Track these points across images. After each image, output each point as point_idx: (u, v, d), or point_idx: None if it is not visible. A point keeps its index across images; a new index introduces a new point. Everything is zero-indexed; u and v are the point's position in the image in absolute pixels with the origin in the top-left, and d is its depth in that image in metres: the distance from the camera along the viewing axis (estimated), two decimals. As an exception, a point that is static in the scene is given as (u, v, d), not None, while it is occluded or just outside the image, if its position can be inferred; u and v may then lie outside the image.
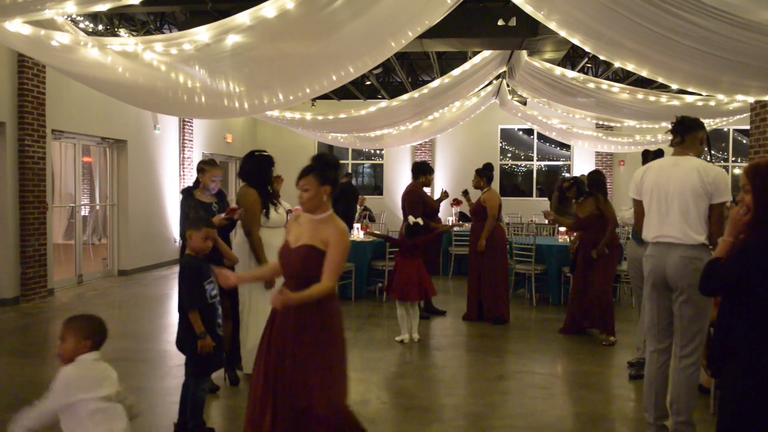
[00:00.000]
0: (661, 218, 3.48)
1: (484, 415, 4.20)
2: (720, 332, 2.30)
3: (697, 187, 3.39)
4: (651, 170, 3.63)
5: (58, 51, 5.13)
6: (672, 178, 3.49)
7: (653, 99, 8.60)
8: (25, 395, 4.44)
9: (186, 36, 5.14)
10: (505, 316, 6.75)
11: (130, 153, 10.26)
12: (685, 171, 3.46)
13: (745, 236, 2.23)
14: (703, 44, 4.48)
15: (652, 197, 3.55)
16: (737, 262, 2.19)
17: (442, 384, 4.93)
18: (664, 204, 3.47)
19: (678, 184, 3.45)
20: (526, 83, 9.56)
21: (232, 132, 14.33)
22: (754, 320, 2.14)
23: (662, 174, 3.55)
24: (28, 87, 7.82)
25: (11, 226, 7.74)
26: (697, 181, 3.40)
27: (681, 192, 3.42)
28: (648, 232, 3.58)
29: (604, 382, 4.95)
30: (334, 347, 2.84)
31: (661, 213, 3.48)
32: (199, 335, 3.38)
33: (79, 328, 2.53)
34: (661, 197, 3.50)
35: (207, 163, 4.82)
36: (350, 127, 11.67)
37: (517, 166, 16.89)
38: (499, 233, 6.83)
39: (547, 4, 5.09)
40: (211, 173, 4.76)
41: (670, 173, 3.51)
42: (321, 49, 5.70)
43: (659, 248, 3.48)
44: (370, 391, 4.72)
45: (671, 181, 3.48)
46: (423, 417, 4.17)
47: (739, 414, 2.16)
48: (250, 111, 7.02)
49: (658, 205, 3.51)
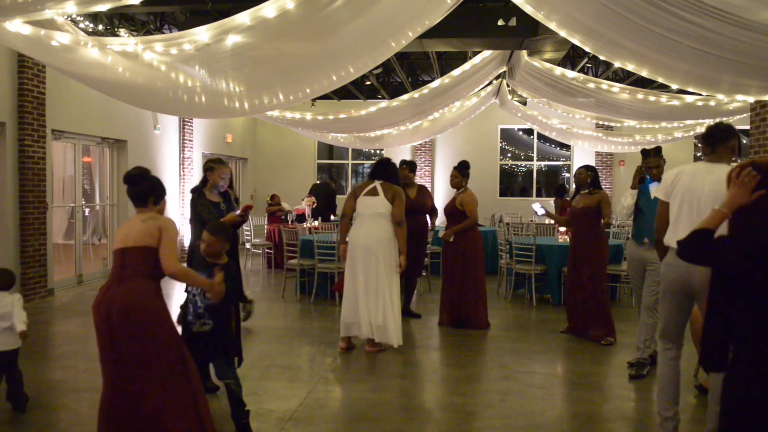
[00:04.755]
0: (692, 224, 3.38)
1: (483, 414, 4.20)
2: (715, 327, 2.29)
3: None
4: (684, 174, 3.52)
5: (58, 51, 5.14)
6: (707, 184, 3.41)
7: (653, 99, 8.61)
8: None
9: (186, 36, 5.14)
10: (487, 322, 6.57)
11: (130, 153, 10.25)
12: (719, 178, 3.37)
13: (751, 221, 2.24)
14: (703, 44, 4.48)
15: (683, 202, 3.47)
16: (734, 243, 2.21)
17: (442, 384, 4.94)
18: (696, 210, 3.39)
19: (712, 191, 3.37)
20: (526, 83, 9.57)
21: (232, 132, 14.33)
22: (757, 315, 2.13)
23: (696, 179, 3.47)
24: (28, 87, 7.82)
25: (11, 226, 7.74)
26: None
27: (715, 199, 3.31)
28: (674, 236, 3.43)
29: (604, 382, 4.95)
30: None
31: (692, 219, 3.37)
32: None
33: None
34: (693, 203, 3.43)
35: (216, 162, 4.87)
36: (350, 127, 11.68)
37: (517, 166, 16.90)
38: (479, 236, 6.57)
39: (547, 5, 5.09)
40: (220, 171, 4.82)
41: (705, 179, 3.44)
42: (321, 49, 5.70)
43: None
44: (369, 390, 4.72)
45: (706, 187, 3.41)
46: (422, 417, 4.17)
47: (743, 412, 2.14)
48: (250, 111, 7.03)
49: (690, 211, 3.42)
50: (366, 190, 5.56)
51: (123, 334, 3.00)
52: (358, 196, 5.57)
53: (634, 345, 5.27)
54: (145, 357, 3.01)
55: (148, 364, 3.01)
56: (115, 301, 3.02)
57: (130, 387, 3.01)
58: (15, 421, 4.02)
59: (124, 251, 3.13)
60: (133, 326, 3.00)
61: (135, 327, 3.00)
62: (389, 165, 5.75)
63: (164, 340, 3.07)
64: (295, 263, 8.14)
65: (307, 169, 16.03)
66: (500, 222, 12.14)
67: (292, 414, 4.07)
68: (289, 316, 7.29)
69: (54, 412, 4.26)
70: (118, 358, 3.01)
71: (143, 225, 3.14)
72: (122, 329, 3.00)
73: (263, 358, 5.34)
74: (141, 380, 3.01)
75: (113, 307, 3.01)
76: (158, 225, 3.13)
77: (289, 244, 8.48)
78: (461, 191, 6.49)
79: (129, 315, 3.00)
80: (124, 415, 3.01)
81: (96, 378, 4.89)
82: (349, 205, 5.61)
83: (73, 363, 5.31)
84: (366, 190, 5.56)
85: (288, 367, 5.20)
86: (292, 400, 4.32)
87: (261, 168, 15.92)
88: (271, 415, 4.04)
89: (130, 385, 3.01)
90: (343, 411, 4.28)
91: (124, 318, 2.99)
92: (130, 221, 3.28)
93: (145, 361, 3.01)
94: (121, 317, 2.99)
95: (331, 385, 4.80)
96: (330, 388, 4.73)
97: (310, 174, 15.89)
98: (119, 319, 2.99)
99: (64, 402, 4.46)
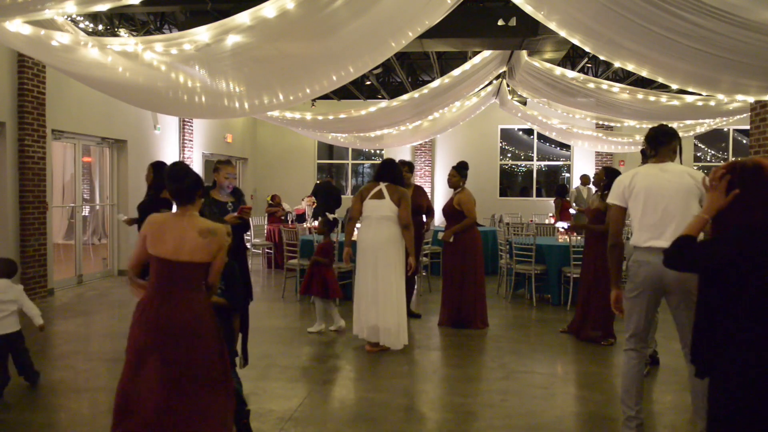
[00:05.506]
0: (655, 223, 3.43)
1: (483, 414, 4.20)
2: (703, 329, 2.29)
3: (692, 188, 3.37)
4: (639, 175, 3.54)
5: (59, 51, 5.14)
6: (664, 182, 3.44)
7: (653, 99, 8.60)
8: (25, 395, 4.45)
9: (186, 36, 5.14)
10: (486, 322, 6.59)
11: (130, 153, 10.26)
12: (675, 175, 3.44)
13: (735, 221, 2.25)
14: (703, 44, 4.48)
15: (646, 202, 3.47)
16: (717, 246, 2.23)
17: (442, 384, 4.94)
18: (661, 208, 3.41)
19: (673, 187, 3.41)
20: (526, 83, 9.57)
21: (232, 132, 14.33)
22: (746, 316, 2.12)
23: (653, 179, 3.48)
24: (28, 87, 7.82)
25: (11, 226, 7.74)
26: (691, 183, 3.38)
27: (676, 195, 3.39)
28: (640, 237, 3.49)
29: (604, 382, 4.94)
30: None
31: (655, 218, 3.42)
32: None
33: None
34: (657, 201, 3.44)
35: (221, 162, 4.94)
36: (350, 127, 11.68)
37: (517, 166, 16.90)
38: (478, 236, 6.58)
39: (547, 5, 5.09)
40: (225, 171, 4.89)
41: (661, 177, 3.46)
42: (321, 49, 5.71)
43: (656, 254, 3.28)
44: (369, 390, 4.72)
45: (664, 185, 3.43)
46: (423, 417, 4.17)
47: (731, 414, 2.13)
48: (251, 111, 7.03)
49: (654, 210, 3.44)
50: (372, 193, 5.64)
51: (180, 351, 2.82)
52: (364, 199, 5.66)
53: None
54: (200, 371, 2.86)
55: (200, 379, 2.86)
56: (173, 318, 2.82)
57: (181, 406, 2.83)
58: (15, 421, 4.02)
59: (173, 265, 2.85)
60: (195, 341, 2.84)
61: (196, 341, 2.84)
62: (394, 166, 5.82)
63: (215, 353, 2.92)
64: (295, 263, 8.14)
65: (307, 169, 16.02)
66: (500, 222, 12.14)
67: (292, 414, 4.07)
68: (289, 316, 7.29)
69: (54, 412, 4.26)
70: (174, 376, 2.81)
71: (201, 241, 2.87)
72: (182, 347, 2.82)
73: (263, 358, 5.34)
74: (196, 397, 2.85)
75: (172, 327, 2.81)
76: (219, 244, 2.91)
77: (289, 244, 8.48)
78: (458, 191, 6.50)
79: (192, 332, 2.83)
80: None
81: (96, 378, 4.91)
82: (356, 208, 5.71)
83: (73, 363, 5.31)
84: (372, 193, 5.64)
85: (288, 367, 5.20)
86: (292, 400, 4.32)
87: (261, 168, 15.92)
88: (271, 415, 4.04)
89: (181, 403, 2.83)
90: (343, 411, 4.28)
91: (186, 335, 2.82)
92: (177, 226, 2.91)
93: (198, 376, 2.86)
94: (184, 334, 2.82)
95: (331, 385, 4.80)
96: (330, 388, 4.73)
97: (310, 174, 15.89)
98: (181, 337, 2.81)
99: (64, 402, 4.46)
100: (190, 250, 2.84)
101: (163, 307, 2.82)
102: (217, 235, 2.90)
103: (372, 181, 5.81)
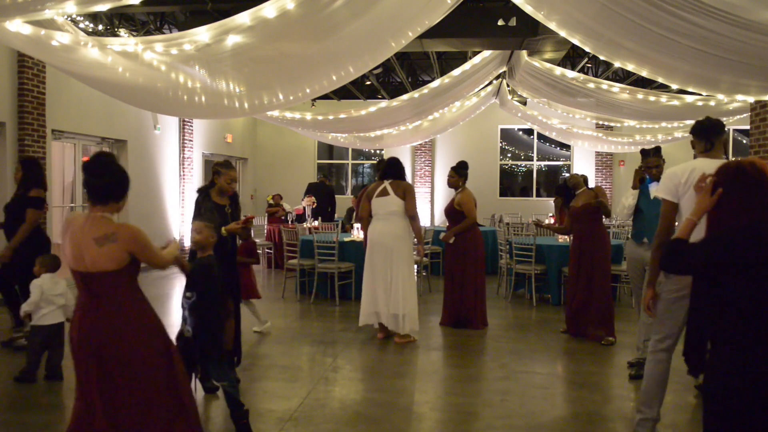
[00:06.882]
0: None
1: (483, 414, 4.20)
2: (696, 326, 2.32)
3: None
4: (698, 171, 3.16)
5: (59, 51, 5.14)
6: None
7: (653, 99, 8.61)
8: (25, 395, 4.45)
9: (186, 36, 5.15)
10: (485, 322, 6.58)
11: (130, 153, 10.26)
12: None
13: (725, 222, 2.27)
14: (703, 44, 4.48)
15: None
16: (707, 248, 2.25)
17: (442, 384, 4.94)
18: None
19: None
20: (526, 83, 9.57)
21: (232, 132, 14.33)
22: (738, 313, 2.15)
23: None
24: (28, 87, 7.82)
25: (11, 226, 7.73)
26: None
27: None
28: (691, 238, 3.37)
29: (604, 382, 4.95)
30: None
31: None
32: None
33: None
34: None
35: (222, 165, 4.56)
36: (350, 127, 11.68)
37: (517, 166, 16.89)
38: (479, 236, 6.57)
39: (547, 5, 5.09)
40: (227, 176, 4.52)
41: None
42: (321, 49, 5.71)
43: None
44: (369, 390, 4.72)
45: None
46: (422, 417, 4.17)
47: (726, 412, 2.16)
48: (250, 111, 7.03)
49: None
50: (378, 191, 5.91)
51: (110, 366, 2.60)
52: (371, 198, 5.94)
53: (634, 345, 5.27)
54: (132, 382, 2.62)
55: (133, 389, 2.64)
56: (92, 336, 2.57)
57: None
58: (15, 421, 4.02)
59: (81, 275, 2.58)
60: (120, 354, 2.60)
61: (121, 356, 2.60)
62: (397, 163, 6.07)
63: (149, 360, 2.65)
64: (295, 263, 8.14)
65: (307, 169, 16.02)
66: (500, 222, 12.14)
67: (292, 414, 4.07)
68: (289, 316, 7.29)
69: (54, 412, 4.25)
70: (107, 388, 2.61)
71: (98, 250, 2.53)
72: (109, 362, 2.59)
73: (263, 358, 5.34)
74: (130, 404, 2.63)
75: (92, 346, 2.57)
76: (125, 248, 2.56)
77: (289, 244, 8.48)
78: (459, 191, 6.49)
79: (113, 356, 2.57)
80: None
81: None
82: (365, 207, 6.01)
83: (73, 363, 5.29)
84: (378, 191, 5.91)
85: (288, 367, 5.20)
86: (292, 400, 4.32)
87: (261, 168, 15.92)
88: (271, 415, 4.04)
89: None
90: (343, 411, 4.28)
91: (109, 351, 2.58)
92: (77, 231, 2.58)
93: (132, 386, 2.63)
94: (108, 356, 2.57)
95: (331, 385, 4.80)
96: (330, 388, 4.73)
97: (310, 174, 15.88)
98: (105, 353, 2.58)
99: (64, 402, 4.45)
100: (90, 260, 2.54)
101: (84, 322, 2.59)
102: (117, 241, 2.54)
103: (378, 181, 6.08)
